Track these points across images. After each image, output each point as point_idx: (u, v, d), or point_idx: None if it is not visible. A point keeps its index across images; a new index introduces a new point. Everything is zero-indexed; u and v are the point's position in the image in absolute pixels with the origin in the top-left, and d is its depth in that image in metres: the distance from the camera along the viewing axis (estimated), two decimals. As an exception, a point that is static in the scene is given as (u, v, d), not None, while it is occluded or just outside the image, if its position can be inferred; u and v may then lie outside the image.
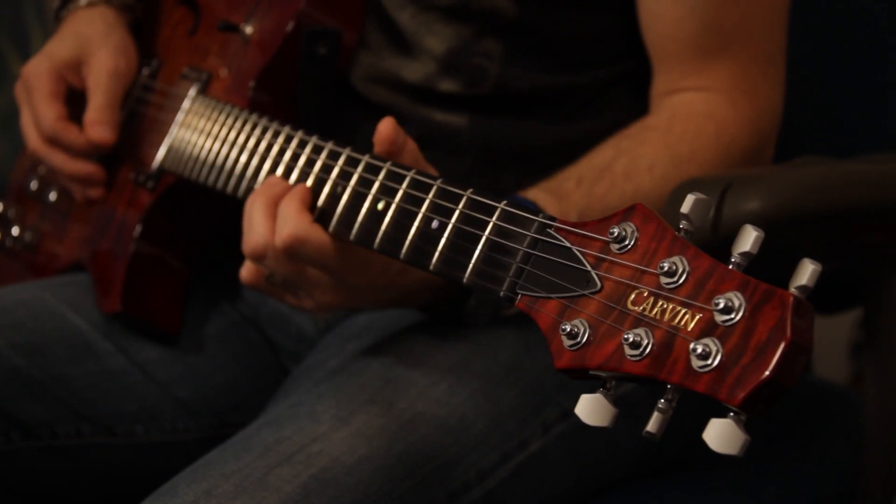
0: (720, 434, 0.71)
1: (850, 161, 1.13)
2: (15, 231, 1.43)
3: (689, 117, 1.16)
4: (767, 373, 0.69)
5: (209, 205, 1.26)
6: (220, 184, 1.15)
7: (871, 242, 1.14)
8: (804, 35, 1.42)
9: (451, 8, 1.18)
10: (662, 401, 0.74)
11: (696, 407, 1.27)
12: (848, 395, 1.45)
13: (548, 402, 1.16)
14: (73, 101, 1.29)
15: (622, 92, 1.24)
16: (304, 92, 1.20)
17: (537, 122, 1.22)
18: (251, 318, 1.34)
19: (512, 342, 1.17)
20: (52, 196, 1.40)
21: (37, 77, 1.27)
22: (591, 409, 0.77)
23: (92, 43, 1.29)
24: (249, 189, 1.11)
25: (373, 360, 1.14)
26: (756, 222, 0.74)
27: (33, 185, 1.43)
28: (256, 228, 1.03)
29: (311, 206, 1.02)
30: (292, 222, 1.00)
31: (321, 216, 1.02)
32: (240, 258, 1.13)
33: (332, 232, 1.01)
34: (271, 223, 1.02)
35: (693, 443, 1.30)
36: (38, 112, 1.26)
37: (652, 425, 0.75)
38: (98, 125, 1.26)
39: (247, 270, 1.10)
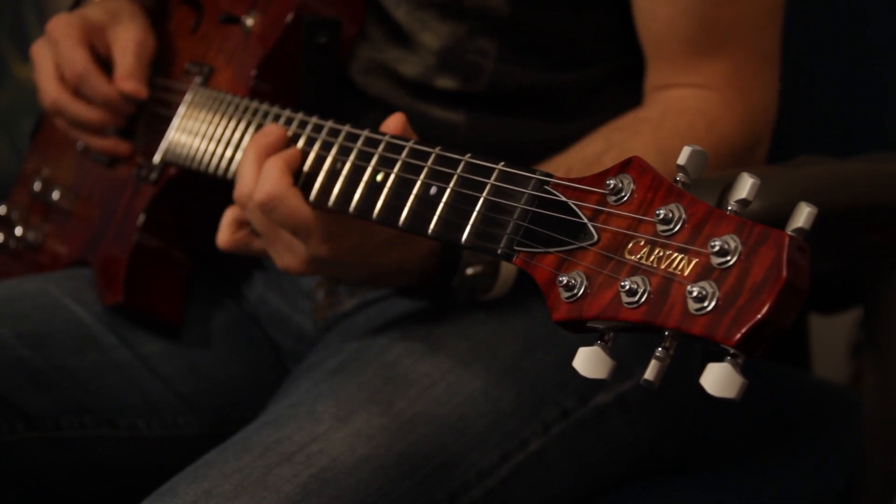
0: (717, 378, 0.70)
1: (850, 161, 1.13)
2: (18, 231, 1.44)
3: (682, 113, 1.16)
4: (763, 312, 0.68)
5: (211, 197, 1.26)
6: (220, 170, 1.15)
7: (871, 242, 1.13)
8: (803, 34, 1.42)
9: (444, 5, 1.19)
10: (660, 348, 0.73)
11: (696, 407, 1.27)
12: (848, 394, 1.45)
13: (548, 401, 1.16)
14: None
15: (617, 89, 1.24)
16: (304, 81, 1.20)
17: (533, 119, 1.22)
18: (253, 315, 1.34)
19: (512, 342, 1.17)
20: (55, 195, 1.41)
21: (66, 27, 1.28)
22: (589, 361, 0.76)
23: (121, 16, 1.30)
24: None
25: (372, 359, 1.15)
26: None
27: (36, 185, 1.44)
28: (245, 177, 1.05)
29: (296, 170, 1.04)
30: (272, 181, 1.02)
31: (321, 192, 1.03)
32: (242, 256, 1.13)
33: (332, 206, 1.01)
34: (258, 171, 1.05)
35: (693, 442, 1.31)
36: (67, 55, 1.26)
37: (650, 373, 0.73)
38: (131, 78, 1.27)
39: (223, 234, 1.12)
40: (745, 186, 0.73)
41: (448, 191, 0.91)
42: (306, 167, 1.05)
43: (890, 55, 1.40)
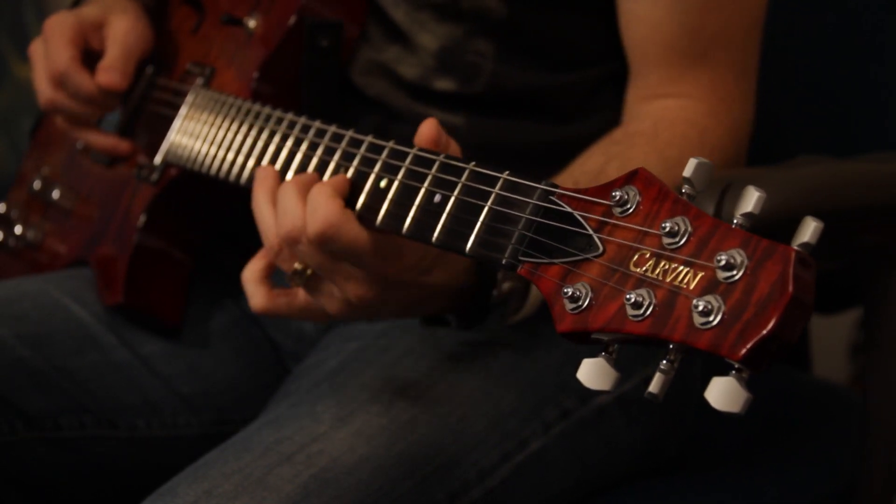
0: (722, 392, 0.70)
1: (850, 161, 1.13)
2: (18, 230, 1.44)
3: (673, 123, 1.16)
4: (769, 328, 0.68)
5: (212, 198, 1.27)
6: (222, 172, 1.15)
7: (871, 242, 1.13)
8: (803, 35, 1.42)
9: (442, 7, 1.19)
10: (665, 361, 0.73)
11: (696, 407, 1.27)
12: (848, 395, 1.45)
13: (548, 401, 1.16)
14: (93, 64, 1.29)
15: (616, 90, 1.24)
16: (306, 84, 1.20)
17: (532, 121, 1.22)
18: (253, 315, 1.34)
19: (512, 342, 1.17)
20: (55, 194, 1.41)
21: (59, 26, 1.28)
22: (593, 373, 0.76)
23: (115, 9, 1.31)
24: (252, 175, 1.11)
25: (373, 360, 1.15)
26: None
27: (36, 184, 1.44)
28: (291, 211, 0.97)
29: (346, 195, 0.98)
30: (325, 208, 0.95)
31: None
32: (243, 254, 1.12)
33: None
34: (302, 205, 0.97)
35: (693, 442, 1.31)
36: (52, 53, 1.27)
37: (654, 386, 0.74)
38: (109, 70, 1.26)
39: (259, 299, 1.06)
40: (751, 200, 0.73)
41: (452, 199, 0.90)
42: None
43: (890, 55, 1.40)
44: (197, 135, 1.21)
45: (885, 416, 1.18)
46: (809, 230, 0.71)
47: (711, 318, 0.70)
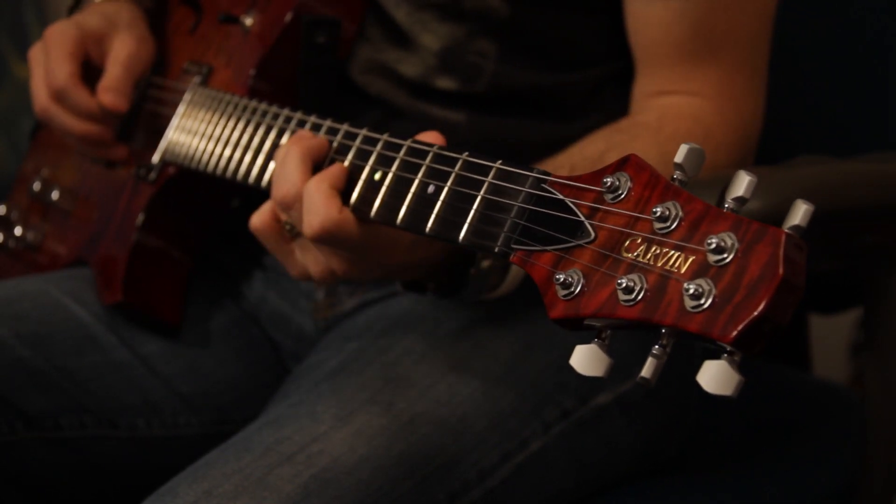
0: (714, 375, 0.70)
1: (850, 161, 1.13)
2: (17, 231, 1.44)
3: (679, 118, 1.16)
4: (759, 309, 0.69)
5: (211, 196, 1.27)
6: (219, 168, 1.15)
7: (871, 242, 1.14)
8: (804, 34, 1.42)
9: (444, 7, 1.19)
10: (657, 346, 0.74)
11: (696, 407, 1.27)
12: (848, 395, 1.45)
13: (548, 401, 1.16)
14: (89, 76, 1.29)
15: (617, 89, 1.24)
16: (303, 81, 1.20)
17: (534, 120, 1.22)
18: (253, 314, 1.34)
19: (512, 342, 1.17)
20: (55, 195, 1.41)
21: (60, 35, 1.28)
22: (585, 359, 0.76)
23: (119, 25, 1.30)
24: (248, 171, 1.11)
25: (373, 360, 1.15)
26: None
27: (36, 185, 1.44)
28: (290, 177, 0.99)
29: (342, 188, 0.99)
30: (322, 210, 0.97)
31: None
32: (243, 254, 1.12)
33: None
34: (304, 174, 0.99)
35: (693, 442, 1.31)
36: (52, 66, 1.27)
37: (646, 370, 0.74)
38: (111, 91, 1.26)
39: (261, 217, 1.06)
40: (743, 184, 0.73)
41: (446, 189, 0.91)
42: None
43: (890, 55, 1.40)
44: (194, 132, 1.21)
45: (885, 416, 1.18)
46: (800, 213, 0.72)
47: (702, 302, 0.71)
